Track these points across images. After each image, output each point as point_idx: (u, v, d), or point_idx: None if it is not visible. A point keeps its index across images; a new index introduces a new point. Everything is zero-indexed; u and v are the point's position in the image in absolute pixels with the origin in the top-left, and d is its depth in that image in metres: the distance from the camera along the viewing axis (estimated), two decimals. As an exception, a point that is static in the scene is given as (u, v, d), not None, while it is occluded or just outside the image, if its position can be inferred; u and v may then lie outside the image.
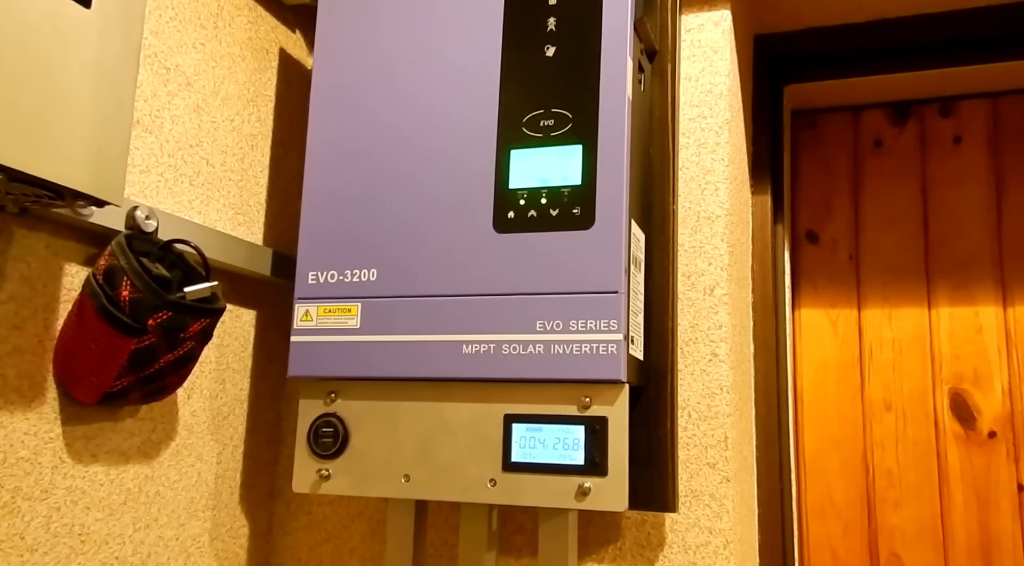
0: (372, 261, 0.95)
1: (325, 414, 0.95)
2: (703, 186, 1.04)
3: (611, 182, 0.87)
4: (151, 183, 0.93)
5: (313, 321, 0.95)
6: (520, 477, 0.87)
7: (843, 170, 1.46)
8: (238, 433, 1.08)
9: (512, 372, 0.87)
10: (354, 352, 0.93)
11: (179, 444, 0.98)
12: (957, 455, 1.32)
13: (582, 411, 0.86)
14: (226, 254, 0.99)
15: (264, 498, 1.14)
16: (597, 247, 0.86)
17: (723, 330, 1.00)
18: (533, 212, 0.89)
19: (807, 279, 1.45)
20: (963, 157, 1.40)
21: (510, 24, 0.94)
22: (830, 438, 1.38)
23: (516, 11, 0.94)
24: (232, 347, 1.07)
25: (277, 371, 1.16)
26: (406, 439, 0.91)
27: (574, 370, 0.85)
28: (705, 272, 1.02)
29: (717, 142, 1.04)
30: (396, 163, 0.95)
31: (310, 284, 0.97)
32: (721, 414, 0.99)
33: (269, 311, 1.14)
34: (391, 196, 0.95)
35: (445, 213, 0.93)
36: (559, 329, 0.86)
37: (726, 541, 0.96)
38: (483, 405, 0.90)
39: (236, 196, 1.08)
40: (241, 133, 1.09)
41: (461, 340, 0.89)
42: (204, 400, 1.02)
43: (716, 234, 1.02)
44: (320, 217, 0.97)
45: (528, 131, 0.91)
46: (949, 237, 1.38)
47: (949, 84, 1.39)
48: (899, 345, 1.38)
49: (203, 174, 1.02)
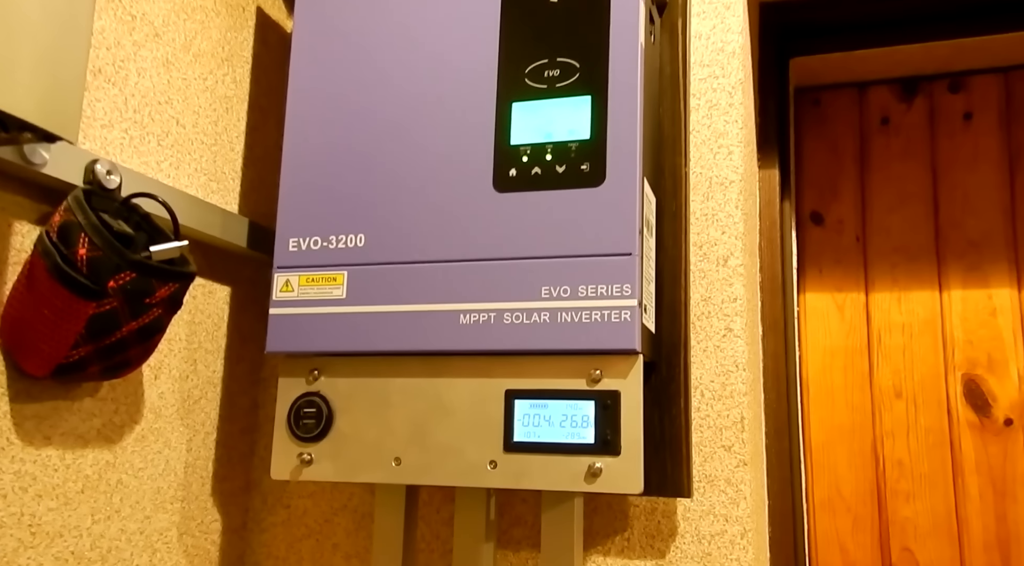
0: (359, 225, 0.86)
1: (307, 393, 0.86)
2: (715, 150, 0.97)
3: (623, 135, 0.80)
4: (114, 139, 0.85)
5: (294, 291, 0.87)
6: (523, 458, 0.79)
7: (849, 149, 1.40)
8: (210, 419, 0.99)
9: (515, 343, 0.79)
10: (339, 325, 0.85)
11: (144, 428, 0.89)
12: (972, 444, 1.26)
13: (592, 385, 0.78)
14: (198, 221, 0.91)
15: (239, 491, 1.04)
16: (608, 206, 0.79)
17: (738, 303, 0.93)
18: (537, 169, 0.82)
19: (812, 262, 1.38)
20: (974, 134, 1.34)
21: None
22: (838, 428, 1.32)
23: (517, -45, 0.86)
24: (204, 325, 0.98)
25: (253, 354, 1.07)
26: (397, 419, 0.83)
27: (583, 340, 0.77)
28: (718, 241, 0.95)
29: (730, 103, 0.97)
30: (386, 118, 0.87)
31: (291, 251, 0.88)
32: (737, 393, 0.91)
33: (245, 288, 1.06)
34: (380, 154, 0.87)
35: (440, 173, 0.85)
36: (566, 295, 0.79)
37: (743, 530, 0.88)
38: (482, 380, 0.81)
39: (209, 161, 0.99)
40: (215, 94, 1.00)
41: (458, 309, 0.81)
42: (173, 381, 0.93)
43: (730, 201, 0.95)
44: (302, 178, 0.89)
45: (531, 82, 0.84)
46: (961, 217, 1.32)
47: (959, 58, 1.33)
48: (909, 330, 1.31)
49: (172, 134, 0.93)
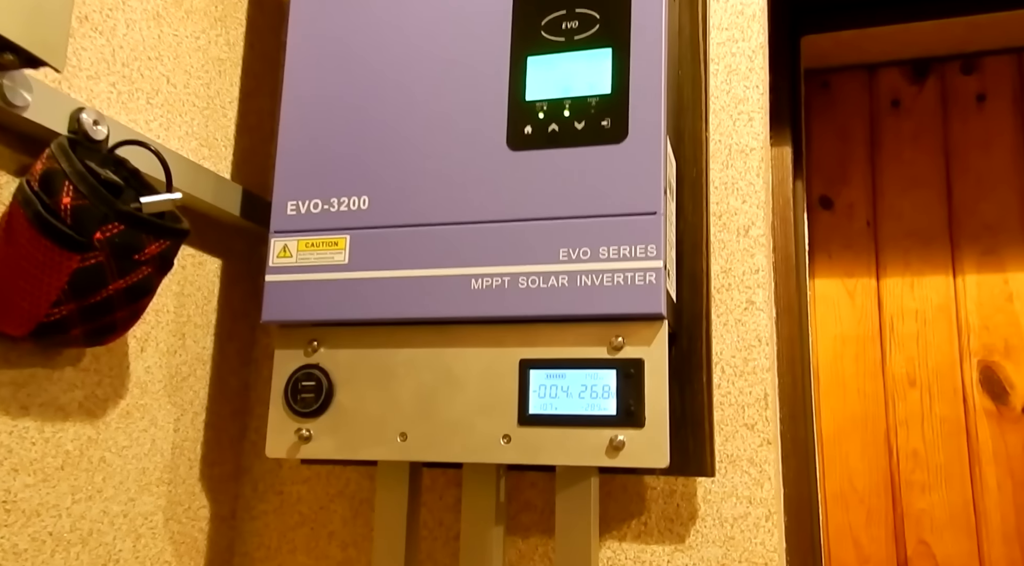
0: (363, 186, 0.81)
1: (306, 366, 0.81)
2: (735, 117, 0.93)
3: (646, 89, 0.75)
4: (101, 92, 0.79)
5: (292, 257, 0.82)
6: (539, 432, 0.74)
7: (858, 132, 1.36)
8: (199, 398, 0.93)
9: (530, 309, 0.74)
10: (342, 292, 0.79)
11: (130, 404, 0.83)
12: (989, 433, 1.22)
13: (613, 353, 0.73)
14: (189, 184, 0.85)
15: (228, 476, 0.98)
16: (631, 162, 0.74)
17: (760, 275, 0.88)
18: (554, 126, 0.77)
19: (821, 247, 1.34)
20: (988, 116, 1.31)
21: (524, -82, 0.82)
22: (850, 418, 1.27)
23: (531, -97, 0.82)
24: (194, 298, 0.92)
25: (244, 332, 1.02)
26: (403, 392, 0.78)
27: (604, 304, 0.73)
28: (739, 211, 0.90)
29: (750, 68, 0.93)
30: (392, 73, 0.82)
31: (289, 215, 0.83)
32: (760, 368, 0.87)
33: (237, 262, 1.00)
34: (386, 111, 0.82)
35: (450, 130, 0.80)
36: (586, 257, 0.74)
37: (768, 512, 0.83)
38: (495, 350, 0.76)
39: (201, 126, 0.94)
40: (207, 55, 0.95)
41: (470, 274, 0.76)
42: (160, 355, 0.87)
43: (751, 169, 0.91)
44: (301, 136, 0.84)
45: (548, 35, 0.79)
46: (975, 201, 1.29)
47: (972, 38, 1.31)
48: (923, 316, 1.28)
49: (163, 93, 0.88)
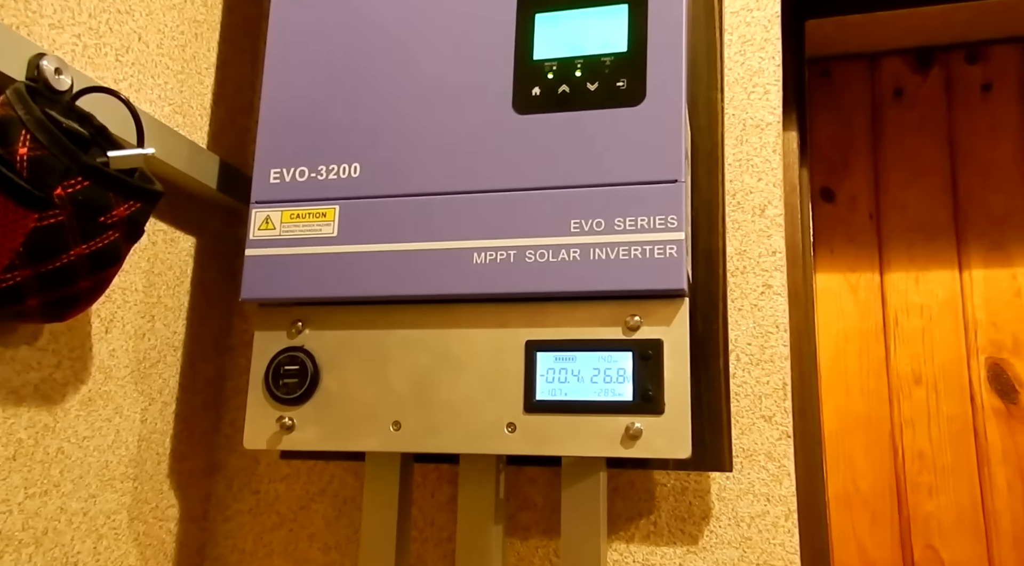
0: (354, 153, 0.74)
1: (289, 348, 0.73)
2: (749, 90, 0.87)
3: (666, 47, 0.69)
4: (65, 43, 0.72)
5: (276, 229, 0.74)
6: (548, 419, 0.67)
7: (860, 122, 1.32)
8: (169, 387, 0.85)
9: (538, 285, 0.68)
10: (330, 267, 0.72)
11: (92, 390, 0.75)
12: (998, 433, 1.17)
13: (629, 333, 0.67)
14: (163, 149, 0.78)
15: (200, 472, 0.91)
16: (650, 126, 0.68)
17: (777, 257, 0.83)
18: (565, 87, 0.71)
19: (823, 241, 1.29)
20: (993, 106, 1.27)
21: None
22: (853, 417, 1.22)
23: None
24: (165, 277, 0.85)
25: (219, 317, 0.94)
26: (397, 377, 0.71)
27: (620, 280, 0.66)
28: (754, 189, 0.85)
29: (766, 38, 0.88)
30: (386, 29, 0.76)
31: (272, 184, 0.76)
32: (778, 357, 0.81)
33: (212, 240, 0.92)
34: (379, 71, 0.75)
35: (450, 92, 0.73)
36: (600, 229, 0.67)
37: (787, 510, 0.77)
38: (499, 331, 0.70)
39: (175, 90, 0.86)
40: (183, 15, 0.88)
41: (472, 247, 0.70)
42: (127, 338, 0.79)
43: (767, 145, 0.85)
44: (286, 97, 0.77)
45: (557, -9, 0.73)
46: (981, 193, 1.25)
47: (976, 27, 1.27)
48: (928, 311, 1.23)
49: (134, 51, 0.80)
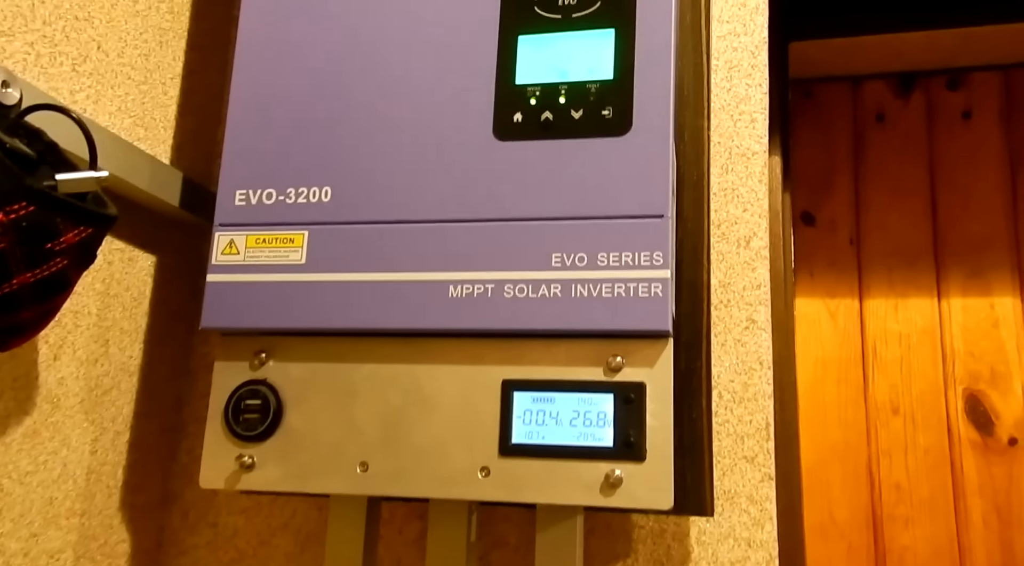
0: (325, 176, 0.70)
1: (251, 381, 0.69)
2: (735, 117, 0.85)
3: (654, 76, 0.67)
4: (16, 52, 0.67)
5: (240, 254, 0.70)
6: (523, 464, 0.64)
7: (842, 145, 1.30)
8: (123, 415, 0.81)
9: (517, 322, 0.64)
10: (297, 296, 0.69)
11: (37, 421, 0.70)
12: (975, 465, 1.16)
13: (611, 375, 0.64)
14: (120, 166, 0.73)
15: (153, 504, 0.86)
16: (635, 158, 0.65)
17: (762, 291, 0.80)
18: (548, 114, 0.68)
19: (802, 264, 1.28)
20: (974, 133, 1.26)
21: None
22: (830, 446, 1.20)
23: None
24: (121, 299, 0.80)
25: (179, 338, 0.90)
26: (365, 414, 0.67)
27: (602, 319, 0.63)
28: (739, 220, 0.82)
29: (753, 65, 0.85)
30: (361, 47, 0.72)
31: (237, 206, 0.72)
32: (760, 395, 0.78)
33: (172, 258, 0.88)
34: (353, 90, 0.71)
35: (427, 115, 0.70)
36: (582, 264, 0.64)
37: (769, 556, 0.75)
38: (474, 368, 0.66)
39: (136, 102, 0.82)
40: (147, 22, 0.83)
41: (447, 279, 0.66)
42: (78, 365, 0.75)
43: (753, 174, 0.83)
44: (253, 115, 0.73)
45: (542, 11, 0.70)
46: (961, 218, 1.24)
47: (958, 53, 1.26)
48: (907, 340, 1.22)
49: (92, 60, 0.76)
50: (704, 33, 0.81)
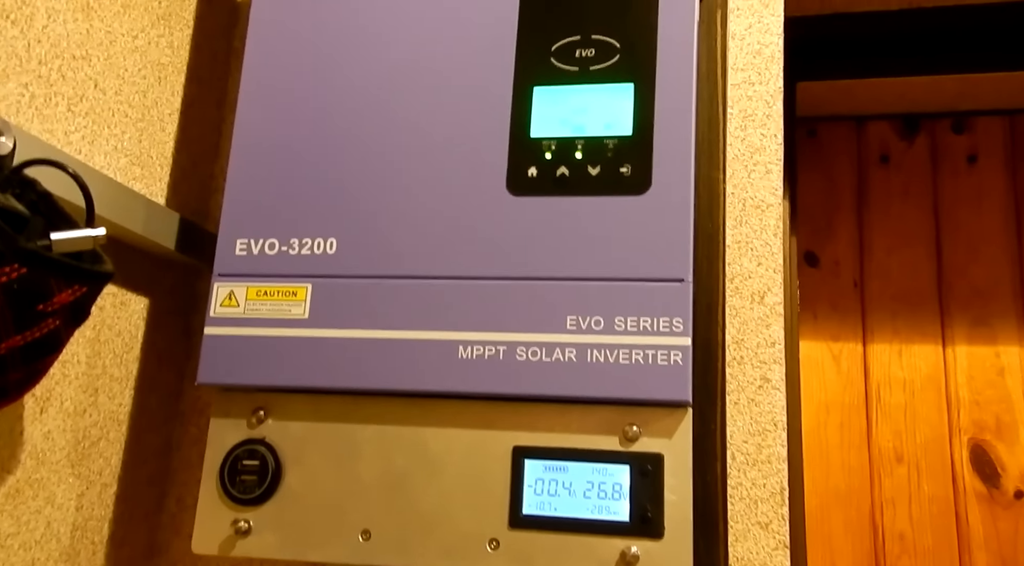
0: (331, 227, 0.68)
1: (249, 440, 0.66)
2: (750, 167, 0.83)
3: (674, 133, 0.64)
4: (9, 95, 0.64)
5: (239, 307, 0.67)
6: (535, 537, 0.61)
7: (846, 185, 1.29)
8: (111, 466, 0.77)
9: (530, 387, 0.62)
10: (298, 352, 0.66)
11: (20, 479, 0.67)
12: (980, 517, 1.14)
13: (627, 445, 0.62)
14: (116, 211, 0.70)
15: (139, 558, 0.82)
16: (654, 219, 0.63)
17: (776, 349, 0.78)
18: (564, 170, 0.65)
19: (806, 306, 1.26)
20: (979, 177, 1.25)
21: (535, -74, 0.71)
22: (833, 492, 1.18)
23: (544, -89, 0.71)
24: (112, 345, 0.77)
25: (170, 381, 0.86)
26: (368, 479, 0.64)
27: (619, 387, 0.61)
28: (753, 274, 0.80)
29: (768, 114, 0.83)
30: (370, 95, 0.70)
31: (238, 256, 0.69)
32: (775, 457, 0.76)
33: (165, 299, 0.85)
34: (361, 139, 0.69)
35: (438, 167, 0.67)
36: (599, 328, 0.62)
37: (781, 626, 0.72)
38: (484, 432, 0.64)
39: (134, 140, 0.79)
40: (146, 58, 0.80)
41: (457, 339, 0.64)
42: (65, 417, 0.71)
43: (767, 227, 0.81)
44: (257, 163, 0.70)
45: (559, 63, 0.68)
46: (965, 264, 1.22)
47: (963, 97, 1.25)
48: (911, 386, 1.20)
49: (89, 99, 0.73)
50: (720, 83, 0.79)
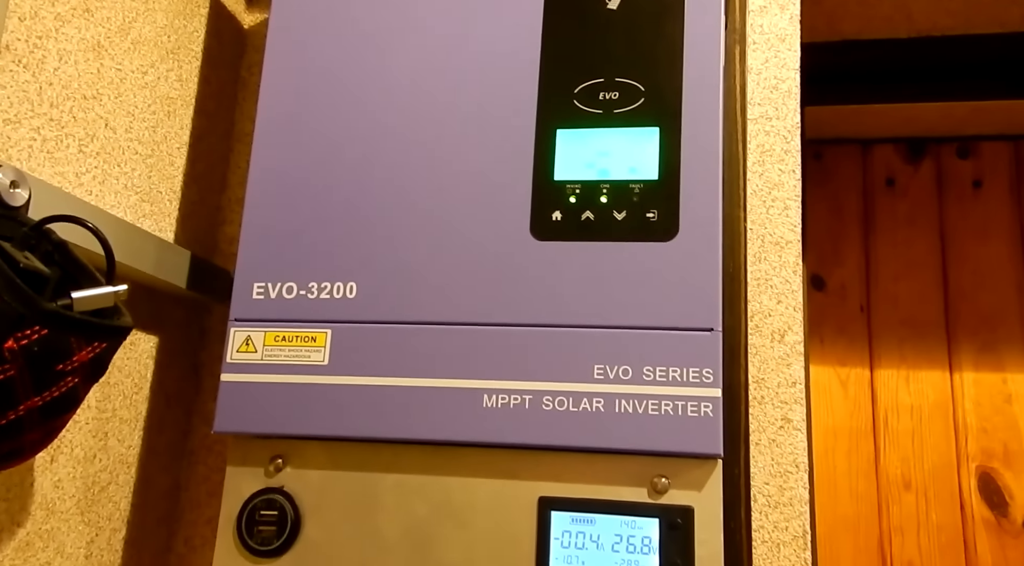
0: (350, 270, 0.66)
1: (267, 490, 0.65)
2: (768, 203, 0.82)
3: (702, 178, 0.64)
4: (21, 140, 0.63)
5: (257, 353, 0.66)
6: (563, 591, 0.60)
7: (852, 209, 1.29)
8: (120, 511, 0.76)
9: (557, 438, 0.61)
10: (319, 400, 0.64)
11: (31, 531, 0.65)
12: (988, 545, 1.14)
13: (656, 497, 0.61)
14: (130, 254, 0.69)
15: (149, 602, 0.81)
16: (683, 266, 0.62)
17: (797, 388, 0.77)
18: (589, 214, 0.64)
19: (813, 330, 1.25)
20: (984, 203, 1.25)
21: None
22: (842, 519, 1.18)
23: (565, -51, 0.70)
24: (121, 387, 0.75)
25: (178, 419, 0.85)
26: (390, 528, 0.63)
27: (648, 439, 0.60)
28: (773, 312, 0.79)
29: (786, 150, 0.83)
30: (390, 136, 0.68)
31: (255, 300, 0.67)
32: (797, 499, 0.75)
33: (175, 335, 0.83)
34: (382, 182, 0.68)
35: (460, 210, 0.66)
36: (626, 378, 0.61)
37: None
38: (509, 483, 0.62)
39: (143, 177, 0.77)
40: (155, 93, 0.79)
41: (482, 388, 0.62)
42: (75, 464, 0.70)
43: (787, 264, 0.80)
44: (274, 205, 0.69)
45: (582, 106, 0.67)
46: (972, 290, 1.22)
47: (969, 122, 1.25)
48: (919, 412, 1.20)
49: (100, 139, 0.71)
50: (740, 120, 0.79)
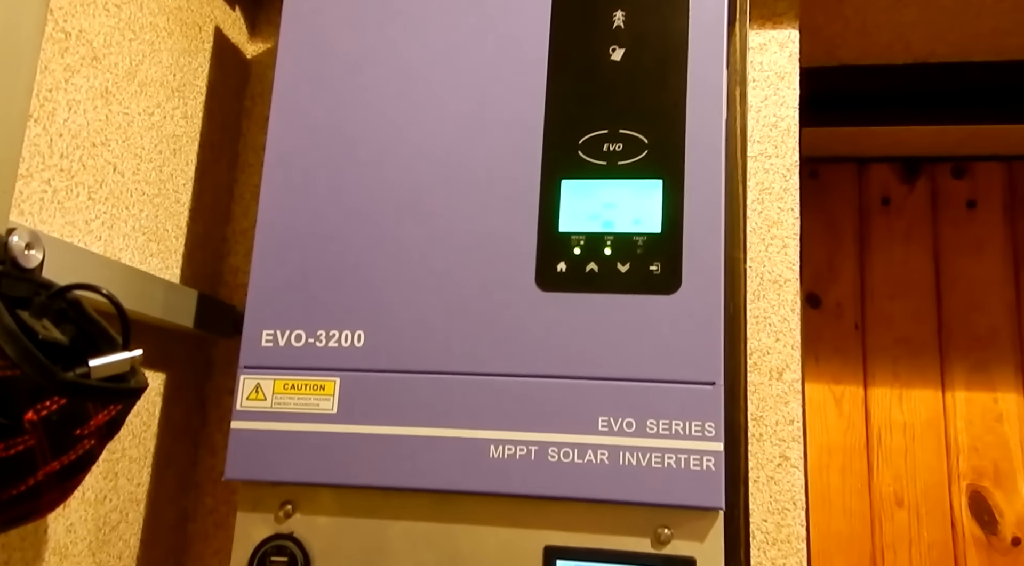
0: (358, 319, 0.68)
1: (277, 536, 0.66)
2: (767, 241, 0.83)
3: (704, 232, 0.65)
4: (32, 193, 0.63)
5: (267, 401, 0.67)
6: (567, 639, 0.61)
7: (848, 228, 1.30)
8: (129, 548, 0.77)
9: (562, 489, 0.62)
10: (327, 448, 0.65)
11: (47, 576, 0.66)
12: (978, 563, 1.16)
13: (659, 547, 0.62)
14: (139, 300, 0.70)
15: (158, 634, 0.82)
16: (685, 320, 0.63)
17: (795, 426, 0.79)
18: (593, 266, 0.65)
19: (808, 348, 1.27)
20: (978, 223, 1.27)
21: (562, 17, 0.71)
22: (835, 536, 1.20)
23: (570, 1, 0.71)
24: (131, 427, 0.76)
25: (186, 451, 0.86)
26: (398, 578, 0.64)
27: (651, 491, 0.61)
28: (771, 350, 0.81)
29: (785, 188, 0.84)
30: (396, 187, 0.69)
31: (264, 348, 0.68)
32: (795, 537, 0.77)
33: (181, 371, 0.84)
34: (389, 232, 0.69)
35: (466, 260, 0.67)
36: (630, 430, 0.62)
37: None
38: (515, 531, 0.64)
39: (150, 217, 0.78)
40: (162, 132, 0.80)
41: (488, 438, 0.64)
42: (87, 507, 0.71)
43: (785, 302, 0.82)
44: (282, 255, 0.70)
45: (586, 157, 0.68)
46: (965, 311, 1.24)
47: (964, 143, 1.26)
48: (911, 430, 1.22)
49: (108, 185, 0.72)
50: (740, 161, 0.80)
